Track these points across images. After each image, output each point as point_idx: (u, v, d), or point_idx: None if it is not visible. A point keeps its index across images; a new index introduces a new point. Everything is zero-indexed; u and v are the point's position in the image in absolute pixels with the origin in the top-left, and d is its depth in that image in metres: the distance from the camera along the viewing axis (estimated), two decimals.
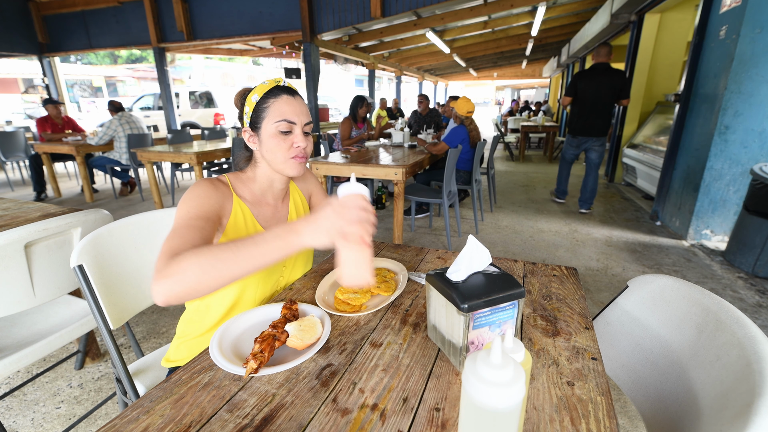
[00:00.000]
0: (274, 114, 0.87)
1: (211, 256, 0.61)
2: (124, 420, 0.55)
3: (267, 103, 0.87)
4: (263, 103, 0.87)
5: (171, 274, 0.60)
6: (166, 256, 0.64)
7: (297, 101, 0.89)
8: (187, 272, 0.60)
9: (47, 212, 1.47)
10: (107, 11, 6.55)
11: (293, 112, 0.88)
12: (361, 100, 4.28)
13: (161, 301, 0.61)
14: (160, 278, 0.61)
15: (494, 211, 4.12)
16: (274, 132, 0.87)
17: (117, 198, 4.89)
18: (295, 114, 0.88)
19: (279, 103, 0.87)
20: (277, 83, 0.89)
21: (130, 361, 1.20)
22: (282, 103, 0.87)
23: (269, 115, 0.87)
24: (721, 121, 2.83)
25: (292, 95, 0.89)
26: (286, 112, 0.87)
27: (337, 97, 17.50)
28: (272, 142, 0.88)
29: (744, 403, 0.49)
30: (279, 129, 0.87)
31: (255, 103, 0.88)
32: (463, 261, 0.65)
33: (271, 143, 0.88)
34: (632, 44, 4.92)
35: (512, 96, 31.42)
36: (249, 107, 0.89)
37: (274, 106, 0.87)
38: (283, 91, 0.88)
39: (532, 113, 10.97)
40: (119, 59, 19.93)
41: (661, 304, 0.80)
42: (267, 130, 0.88)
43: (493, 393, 0.40)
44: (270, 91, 0.88)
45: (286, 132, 0.88)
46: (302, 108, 0.90)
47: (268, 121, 0.87)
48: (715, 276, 2.55)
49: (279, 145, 0.88)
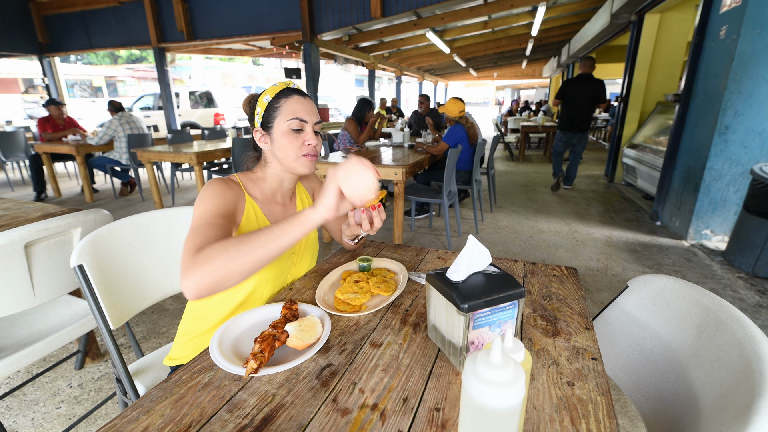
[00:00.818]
0: (286, 113, 0.90)
1: (237, 243, 0.66)
2: (124, 420, 0.55)
3: (279, 102, 0.90)
4: (275, 103, 0.90)
5: (199, 267, 0.63)
6: (191, 253, 0.66)
7: (308, 101, 0.93)
8: (215, 262, 0.63)
9: (47, 212, 1.47)
10: (107, 11, 6.55)
11: (305, 111, 0.91)
12: (368, 104, 4.24)
13: (193, 295, 0.63)
14: (189, 273, 0.63)
15: (494, 211, 4.12)
16: (287, 130, 0.90)
17: (117, 198, 4.89)
18: (306, 113, 0.91)
19: (291, 103, 0.90)
20: (287, 85, 0.93)
21: (130, 361, 1.20)
22: (294, 102, 0.91)
23: (281, 114, 0.90)
24: (721, 121, 2.83)
25: (303, 96, 0.93)
26: (298, 111, 0.90)
27: (337, 97, 17.50)
28: (284, 140, 0.90)
29: (744, 403, 0.49)
30: (291, 127, 0.90)
31: (267, 103, 0.91)
32: (463, 261, 0.65)
33: (283, 141, 0.91)
34: (632, 44, 4.92)
35: (512, 96, 31.42)
36: (261, 107, 0.92)
37: (286, 105, 0.90)
38: (295, 92, 0.92)
39: (532, 113, 10.97)
40: (119, 59, 19.93)
41: (661, 304, 0.80)
42: (279, 129, 0.90)
43: (493, 393, 0.40)
44: (281, 91, 0.91)
45: (298, 130, 0.91)
46: (312, 108, 0.93)
47: (281, 120, 0.90)
48: (715, 276, 2.55)
49: (291, 143, 0.90)
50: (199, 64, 18.24)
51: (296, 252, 1.03)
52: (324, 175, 3.11)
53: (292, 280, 1.02)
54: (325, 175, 3.50)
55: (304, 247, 1.06)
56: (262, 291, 0.94)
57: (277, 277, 0.97)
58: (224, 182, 0.88)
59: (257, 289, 0.93)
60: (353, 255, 1.13)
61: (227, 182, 0.89)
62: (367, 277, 0.93)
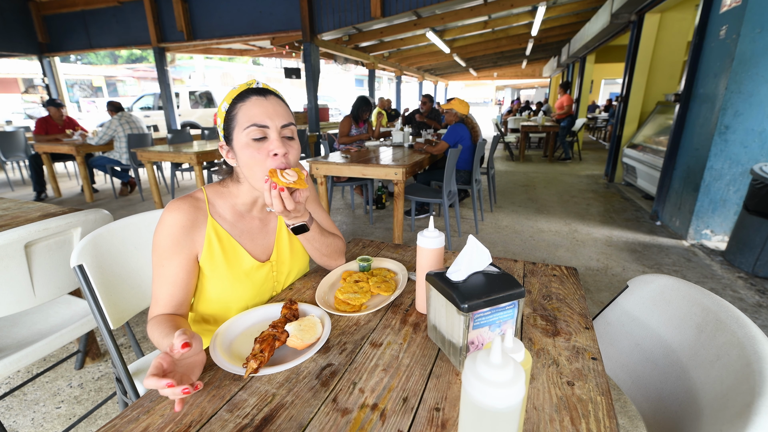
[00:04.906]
0: (242, 120, 0.75)
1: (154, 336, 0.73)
2: (124, 420, 0.55)
3: (235, 109, 0.76)
4: (232, 110, 0.76)
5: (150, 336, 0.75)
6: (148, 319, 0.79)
7: (270, 101, 0.77)
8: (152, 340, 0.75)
9: (47, 212, 1.47)
10: (107, 11, 6.55)
11: (264, 114, 0.75)
12: (365, 103, 4.26)
13: None
14: None
15: (494, 211, 4.12)
16: (246, 141, 0.75)
17: (117, 198, 4.89)
18: (267, 116, 0.75)
19: (247, 107, 0.75)
20: (249, 86, 0.78)
21: (130, 360, 1.20)
22: (250, 105, 0.75)
23: (238, 123, 0.75)
24: (721, 121, 2.83)
25: (263, 95, 0.77)
26: (255, 115, 0.74)
27: (337, 97, 17.50)
28: (245, 153, 0.76)
29: (744, 403, 0.49)
30: (250, 137, 0.75)
31: (225, 112, 0.78)
32: (463, 261, 0.65)
33: (244, 156, 0.76)
34: (632, 44, 4.92)
35: (512, 96, 31.42)
36: (220, 118, 0.79)
37: (241, 111, 0.75)
38: (252, 93, 0.76)
39: (532, 113, 10.96)
40: (119, 59, 19.94)
41: (661, 304, 0.80)
42: (239, 141, 0.76)
43: (493, 393, 0.40)
44: (238, 95, 0.77)
45: (260, 138, 0.75)
46: (276, 108, 0.77)
47: (239, 130, 0.75)
48: (715, 276, 2.55)
49: (253, 157, 0.75)
50: (199, 64, 18.25)
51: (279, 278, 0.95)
52: (324, 175, 3.11)
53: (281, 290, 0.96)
54: (325, 175, 3.45)
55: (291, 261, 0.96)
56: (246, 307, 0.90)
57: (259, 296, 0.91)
58: (181, 213, 0.78)
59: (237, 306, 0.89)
60: (353, 255, 1.13)
61: (184, 211, 0.79)
62: (367, 277, 0.93)
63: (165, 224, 0.78)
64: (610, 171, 5.48)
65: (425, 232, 0.78)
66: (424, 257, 0.78)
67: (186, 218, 0.79)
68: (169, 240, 0.78)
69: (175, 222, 0.78)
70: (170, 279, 0.79)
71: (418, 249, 0.79)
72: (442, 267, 0.74)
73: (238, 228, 0.87)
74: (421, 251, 0.78)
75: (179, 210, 0.79)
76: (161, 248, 0.78)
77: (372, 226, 3.68)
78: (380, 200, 4.30)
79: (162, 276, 0.79)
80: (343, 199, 4.84)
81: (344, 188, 5.20)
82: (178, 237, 0.78)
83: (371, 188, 3.84)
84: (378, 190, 4.30)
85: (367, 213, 4.15)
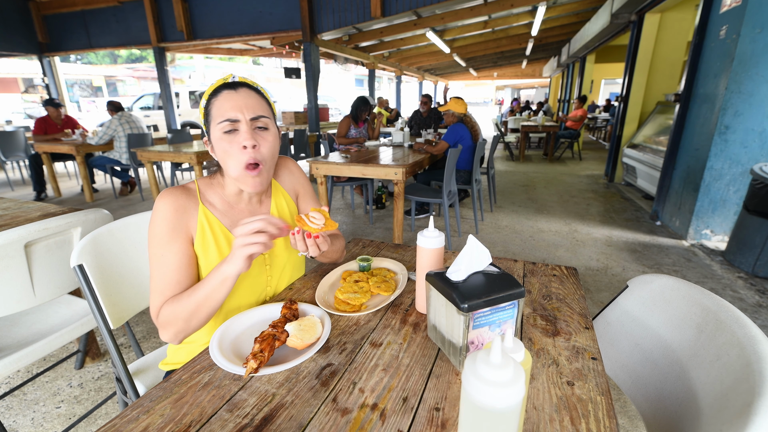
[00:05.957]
0: (215, 115, 0.78)
1: (181, 310, 0.74)
2: (124, 420, 0.55)
3: (210, 105, 0.79)
4: (208, 106, 0.80)
5: (164, 329, 0.76)
6: (154, 316, 0.78)
7: (240, 94, 0.79)
8: (175, 326, 0.75)
9: (47, 212, 1.47)
10: (107, 11, 6.55)
11: (234, 107, 0.77)
12: (365, 103, 4.26)
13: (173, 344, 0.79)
14: (160, 331, 0.77)
15: (494, 211, 4.12)
16: (220, 135, 0.78)
17: (117, 198, 4.89)
18: (237, 109, 0.77)
19: (219, 102, 0.78)
20: (224, 81, 0.80)
21: (130, 360, 1.20)
22: (222, 100, 0.78)
23: (213, 118, 0.79)
24: (721, 121, 2.83)
25: (233, 89, 0.79)
26: (226, 110, 0.77)
27: (337, 97, 17.50)
28: (220, 147, 0.79)
29: (744, 403, 0.49)
30: (223, 130, 0.78)
31: (203, 108, 0.81)
32: (463, 261, 0.65)
33: (219, 149, 0.79)
34: (632, 44, 4.92)
35: (512, 96, 31.42)
36: (201, 116, 0.82)
37: (215, 106, 0.78)
38: (224, 87, 0.79)
39: (532, 113, 10.97)
40: (119, 59, 19.94)
41: (661, 304, 0.80)
42: (215, 135, 0.79)
43: (493, 393, 0.40)
44: (213, 91, 0.80)
45: (231, 131, 0.78)
46: (247, 101, 0.78)
47: (213, 125, 0.79)
48: (715, 276, 2.56)
49: (226, 151, 0.78)
50: (199, 64, 18.25)
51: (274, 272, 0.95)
52: (324, 175, 3.11)
53: (273, 292, 0.95)
54: (325, 175, 3.45)
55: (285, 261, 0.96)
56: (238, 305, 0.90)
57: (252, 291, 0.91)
58: (173, 197, 0.80)
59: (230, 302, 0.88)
60: (353, 255, 1.13)
61: (176, 196, 0.81)
62: (367, 277, 0.93)
63: (158, 211, 0.80)
64: (610, 171, 5.49)
65: (425, 232, 0.78)
66: (424, 257, 0.78)
67: (178, 202, 0.81)
68: (164, 225, 0.79)
69: (168, 206, 0.80)
70: (174, 265, 0.79)
71: (418, 249, 0.79)
72: (442, 267, 0.74)
73: (229, 217, 0.88)
74: (421, 251, 0.78)
75: (171, 195, 0.81)
76: (158, 236, 0.79)
77: (372, 226, 3.68)
78: (380, 200, 4.31)
79: (164, 266, 0.78)
80: (343, 199, 4.84)
81: (344, 188, 5.20)
82: (173, 221, 0.79)
83: (371, 188, 3.84)
84: (378, 189, 4.30)
85: (367, 213, 4.15)
